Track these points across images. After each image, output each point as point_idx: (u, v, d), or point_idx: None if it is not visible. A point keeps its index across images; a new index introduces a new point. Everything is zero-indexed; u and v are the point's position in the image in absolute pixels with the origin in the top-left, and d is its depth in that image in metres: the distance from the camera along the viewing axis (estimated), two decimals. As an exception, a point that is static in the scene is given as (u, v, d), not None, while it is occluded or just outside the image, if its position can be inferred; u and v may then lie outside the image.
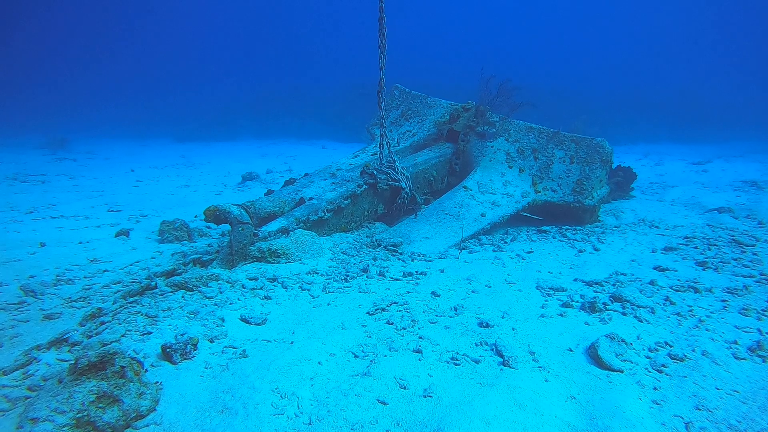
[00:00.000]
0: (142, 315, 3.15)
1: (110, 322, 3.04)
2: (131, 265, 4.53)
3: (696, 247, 4.85)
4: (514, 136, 6.60)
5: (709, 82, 39.47)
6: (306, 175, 6.82)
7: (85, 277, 4.16)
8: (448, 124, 7.04)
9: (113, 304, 3.29)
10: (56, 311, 3.40)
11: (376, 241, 5.18)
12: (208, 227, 6.23)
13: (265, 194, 6.61)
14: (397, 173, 5.78)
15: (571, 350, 2.90)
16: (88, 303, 3.58)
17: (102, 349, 2.19)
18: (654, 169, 12.33)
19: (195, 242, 5.45)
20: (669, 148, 19.24)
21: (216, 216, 4.25)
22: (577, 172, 6.13)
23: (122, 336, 2.88)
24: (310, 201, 5.28)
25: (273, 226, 4.74)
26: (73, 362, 2.16)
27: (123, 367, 2.18)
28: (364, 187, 5.49)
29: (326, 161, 16.45)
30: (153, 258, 4.79)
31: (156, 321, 3.08)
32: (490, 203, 5.89)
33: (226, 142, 23.50)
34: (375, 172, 5.61)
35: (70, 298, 3.66)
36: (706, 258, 4.54)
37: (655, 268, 4.30)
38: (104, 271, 4.34)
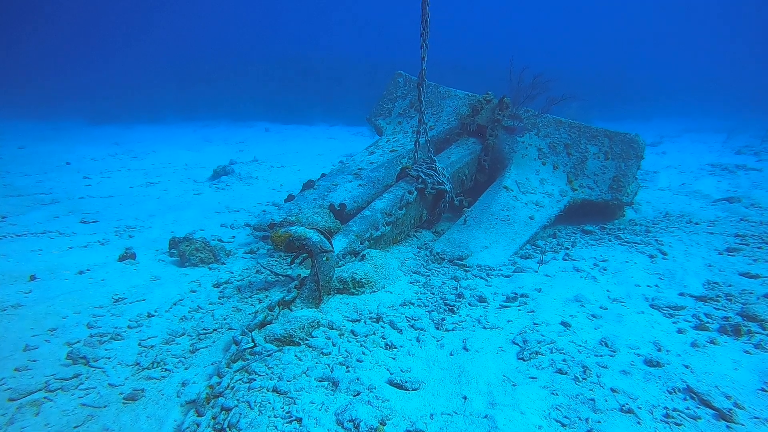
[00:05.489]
0: (269, 391, 2.50)
1: (236, 406, 2.37)
2: (175, 305, 3.71)
3: (759, 248, 4.89)
4: (544, 130, 6.34)
5: (623, 60, 42.20)
6: (323, 175, 6.15)
7: (130, 328, 3.32)
8: (470, 117, 6.62)
9: (219, 377, 2.58)
10: (134, 387, 2.62)
11: (437, 254, 4.72)
12: (221, 240, 5.40)
13: (285, 200, 5.87)
14: (440, 175, 5.30)
15: (765, 390, 2.69)
16: (165, 369, 2.82)
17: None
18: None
19: (225, 264, 4.65)
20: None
21: (289, 244, 3.57)
22: (612, 168, 6.00)
23: (267, 427, 2.25)
24: (362, 212, 4.69)
25: (335, 246, 4.13)
26: None
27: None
28: (415, 193, 4.97)
29: (282, 146, 15.41)
30: (193, 291, 3.98)
31: (292, 399, 2.45)
32: (534, 204, 5.61)
33: (152, 125, 21.33)
34: (423, 175, 5.10)
35: (138, 364, 2.86)
36: (777, 259, 4.59)
37: (742, 275, 4.25)
38: (148, 316, 3.50)
